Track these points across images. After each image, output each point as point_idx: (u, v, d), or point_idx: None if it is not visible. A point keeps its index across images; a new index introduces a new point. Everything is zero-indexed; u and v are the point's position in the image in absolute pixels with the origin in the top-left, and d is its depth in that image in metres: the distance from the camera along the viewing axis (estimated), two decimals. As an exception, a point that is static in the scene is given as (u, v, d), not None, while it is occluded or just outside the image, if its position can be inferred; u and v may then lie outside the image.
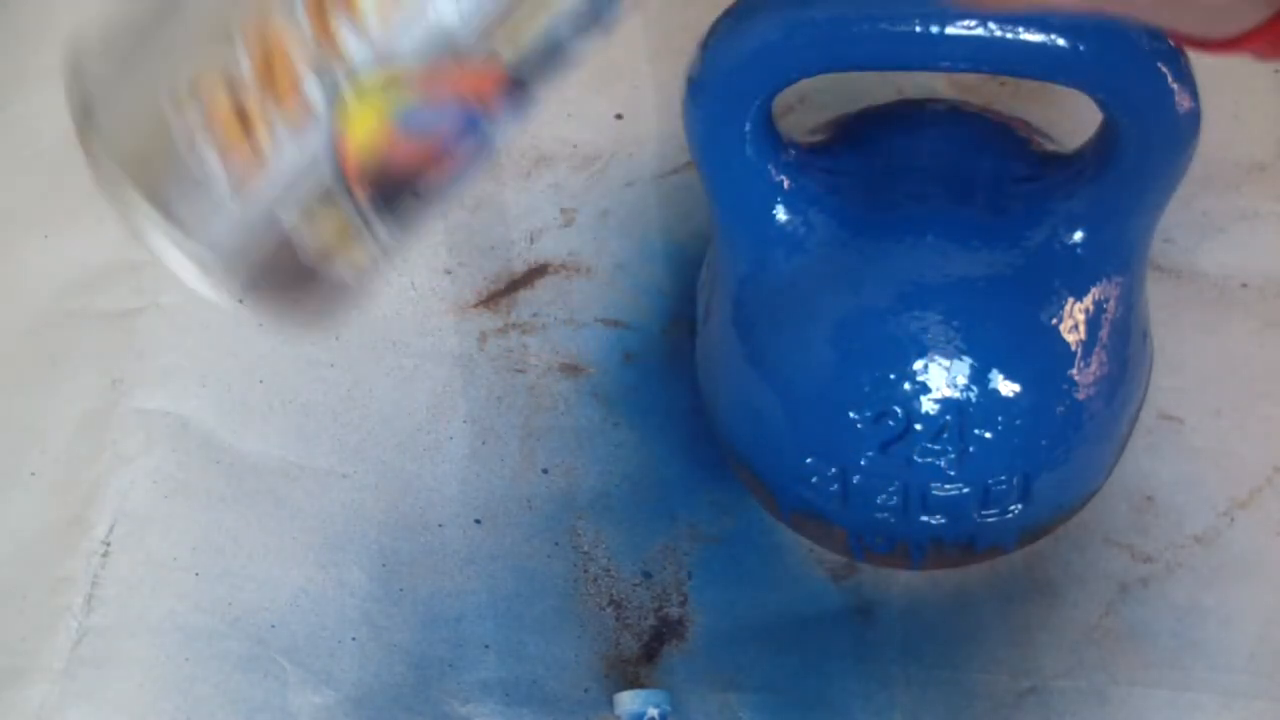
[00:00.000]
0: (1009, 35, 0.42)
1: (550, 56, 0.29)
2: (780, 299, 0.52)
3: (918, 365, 0.49)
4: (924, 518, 0.52)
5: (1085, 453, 0.53)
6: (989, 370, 0.49)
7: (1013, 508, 0.52)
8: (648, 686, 0.55)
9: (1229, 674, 0.54)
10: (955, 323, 0.49)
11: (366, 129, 0.28)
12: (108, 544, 0.58)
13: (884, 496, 0.52)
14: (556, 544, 0.58)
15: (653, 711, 0.53)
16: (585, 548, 0.58)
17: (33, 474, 0.60)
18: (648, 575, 0.58)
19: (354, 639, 0.56)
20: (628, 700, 0.53)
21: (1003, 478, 0.51)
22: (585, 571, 0.58)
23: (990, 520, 0.52)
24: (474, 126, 0.29)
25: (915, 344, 0.49)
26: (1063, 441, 0.51)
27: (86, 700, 0.55)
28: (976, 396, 0.49)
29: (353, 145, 0.29)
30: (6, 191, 0.68)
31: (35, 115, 0.69)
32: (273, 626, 0.56)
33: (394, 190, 0.30)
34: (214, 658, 0.56)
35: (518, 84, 0.29)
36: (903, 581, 0.57)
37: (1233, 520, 0.57)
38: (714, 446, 0.59)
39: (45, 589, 0.57)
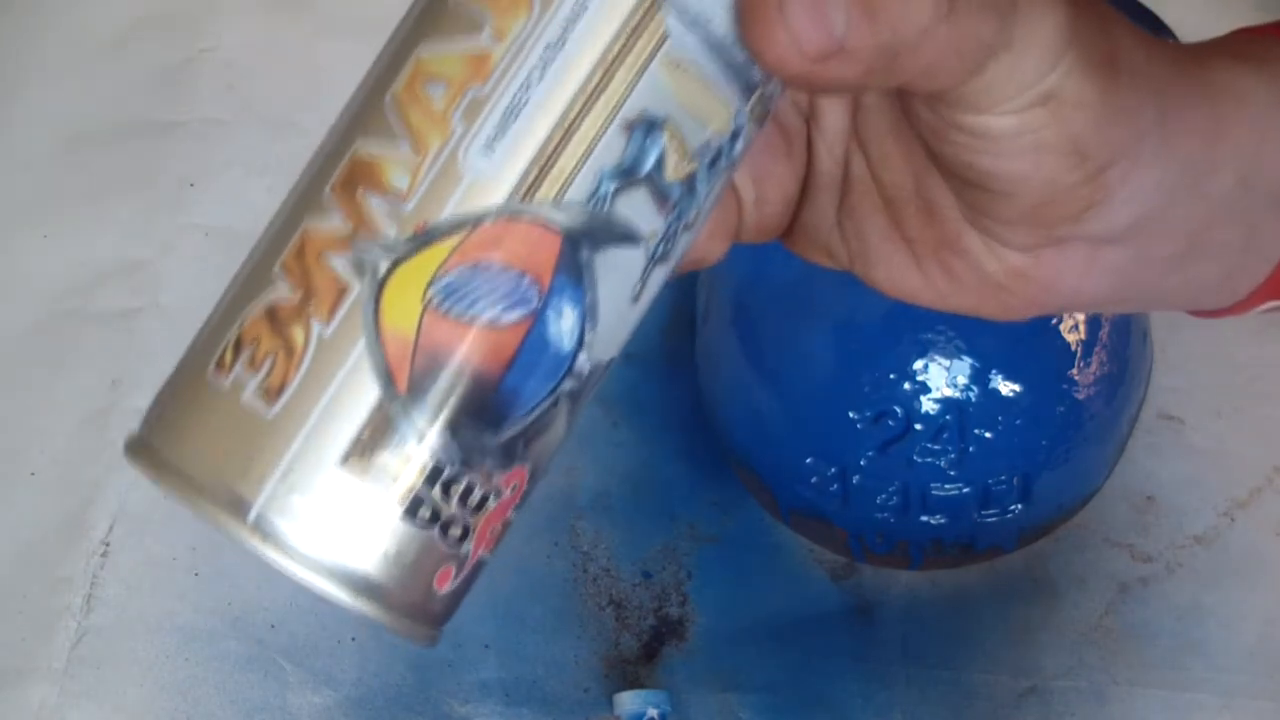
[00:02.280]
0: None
1: (602, 219, 0.26)
2: (780, 299, 0.52)
3: (918, 365, 0.49)
4: (924, 518, 0.52)
5: (1085, 453, 0.53)
6: (989, 370, 0.49)
7: (1013, 508, 0.52)
8: (648, 686, 0.55)
9: (1229, 674, 0.54)
10: (955, 322, 0.49)
11: (406, 307, 0.25)
12: (107, 544, 0.58)
13: (884, 496, 0.52)
14: (556, 544, 0.58)
15: (653, 711, 0.53)
16: (585, 548, 0.58)
17: (33, 474, 0.60)
18: (647, 575, 0.57)
19: (354, 639, 0.56)
20: (628, 700, 0.53)
21: (1003, 478, 0.51)
22: (585, 571, 0.58)
23: (990, 520, 0.52)
24: (524, 302, 0.26)
25: (915, 344, 0.49)
26: (1063, 441, 0.51)
27: (86, 700, 0.55)
28: (976, 396, 0.49)
29: (392, 326, 0.25)
30: (6, 191, 0.68)
31: (35, 115, 0.69)
32: (272, 627, 0.56)
33: (440, 379, 0.26)
34: (214, 658, 0.56)
35: (573, 249, 0.26)
36: (903, 581, 0.57)
37: (1233, 520, 0.57)
38: (714, 446, 0.59)
39: (45, 589, 0.57)
